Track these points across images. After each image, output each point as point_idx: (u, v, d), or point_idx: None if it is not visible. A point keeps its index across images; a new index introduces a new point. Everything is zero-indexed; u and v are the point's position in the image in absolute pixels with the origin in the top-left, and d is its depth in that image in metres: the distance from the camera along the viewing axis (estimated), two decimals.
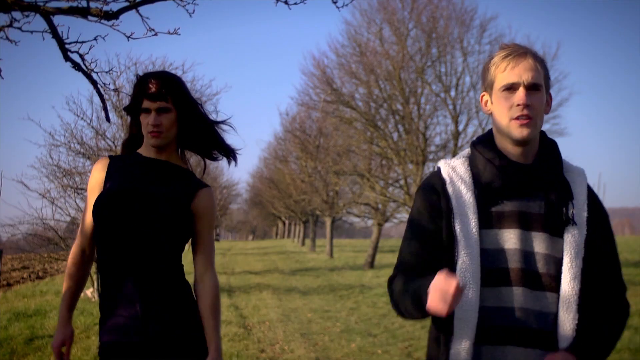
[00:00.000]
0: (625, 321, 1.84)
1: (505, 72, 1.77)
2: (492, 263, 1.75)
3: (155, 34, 4.26)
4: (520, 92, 1.75)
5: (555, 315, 1.73)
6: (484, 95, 1.88)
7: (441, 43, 17.14)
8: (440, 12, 17.27)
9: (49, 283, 16.27)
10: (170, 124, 2.23)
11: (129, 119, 2.37)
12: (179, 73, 17.89)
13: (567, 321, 1.71)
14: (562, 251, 1.74)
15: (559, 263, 1.74)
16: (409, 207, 16.76)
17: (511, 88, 1.76)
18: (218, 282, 2.31)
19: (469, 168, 1.84)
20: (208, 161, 2.49)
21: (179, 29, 4.33)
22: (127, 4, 4.12)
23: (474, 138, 1.94)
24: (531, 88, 1.75)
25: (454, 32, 17.19)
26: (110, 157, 2.33)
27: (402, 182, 18.17)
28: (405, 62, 17.17)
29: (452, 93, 17.40)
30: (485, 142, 1.85)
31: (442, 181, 1.84)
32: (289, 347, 7.22)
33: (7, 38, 4.02)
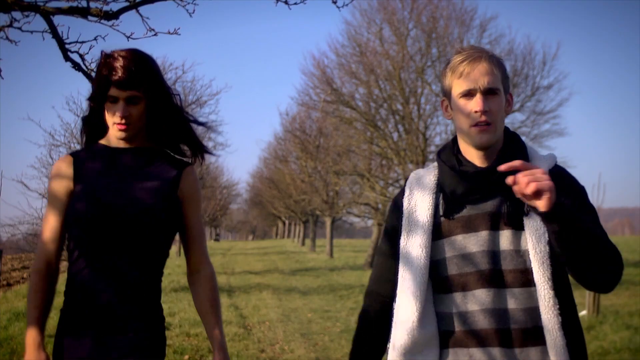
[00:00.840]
0: (619, 257, 1.74)
1: (461, 78, 1.76)
2: (460, 268, 1.75)
3: (155, 34, 4.26)
4: (477, 99, 1.73)
5: (532, 310, 1.71)
6: (443, 100, 1.89)
7: (441, 43, 17.15)
8: (440, 12, 17.29)
9: None
10: (140, 116, 1.97)
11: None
12: (179, 73, 17.90)
13: (547, 308, 1.67)
14: (526, 243, 1.71)
15: (524, 256, 1.72)
16: None
17: (468, 94, 1.75)
18: (215, 273, 2.10)
19: (435, 177, 1.86)
20: (207, 160, 2.42)
21: (179, 29, 4.33)
22: (127, 4, 4.12)
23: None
24: (488, 93, 1.74)
25: (454, 32, 17.20)
26: (72, 154, 2.04)
27: (402, 182, 18.17)
28: (405, 62, 17.18)
29: None
30: (448, 150, 1.86)
31: (403, 193, 1.90)
32: (289, 347, 7.22)
33: (7, 38, 4.02)
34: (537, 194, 1.49)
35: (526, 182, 1.48)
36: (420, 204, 1.83)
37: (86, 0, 4.00)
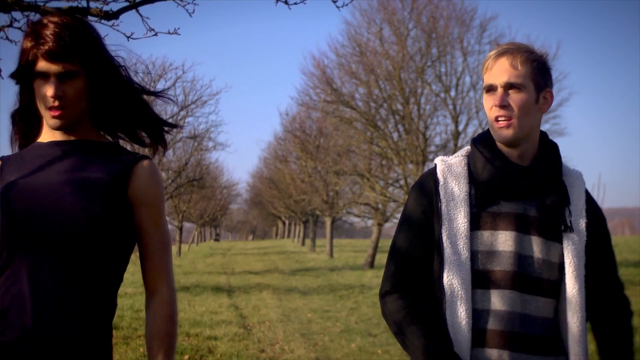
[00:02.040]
0: (630, 316, 1.88)
1: (487, 73, 1.77)
2: (484, 265, 1.73)
3: (155, 34, 4.26)
4: (497, 93, 1.73)
5: (550, 321, 1.73)
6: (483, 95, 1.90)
7: (441, 43, 17.15)
8: (440, 12, 17.28)
9: None
10: (78, 95, 1.55)
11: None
12: (178, 73, 17.85)
13: (575, 327, 1.71)
14: (559, 256, 1.73)
15: (554, 268, 1.73)
16: None
17: (490, 89, 1.76)
18: (175, 298, 1.64)
19: (466, 167, 1.81)
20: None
21: (179, 29, 4.33)
22: (127, 4, 4.13)
23: (475, 136, 1.92)
24: (509, 88, 1.72)
25: (454, 32, 17.21)
26: (2, 158, 1.63)
27: (402, 182, 18.17)
28: (405, 62, 17.18)
29: (452, 93, 17.42)
30: (485, 141, 1.82)
31: (436, 181, 1.80)
32: (289, 347, 7.22)
33: (7, 38, 4.03)
34: None
35: None
36: (457, 193, 1.77)
37: (86, 0, 4.00)
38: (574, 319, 1.71)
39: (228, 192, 44.48)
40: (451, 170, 1.81)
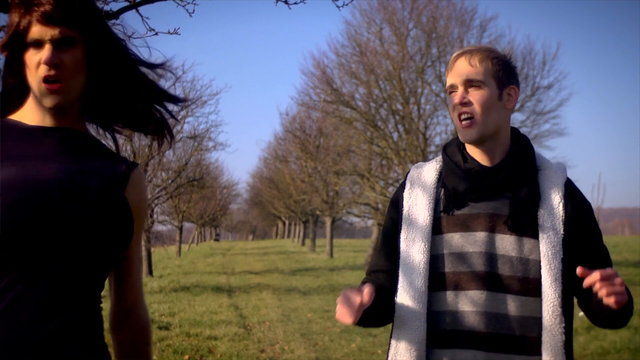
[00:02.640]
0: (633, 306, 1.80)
1: (448, 74, 1.78)
2: (454, 267, 1.72)
3: (156, 34, 4.26)
4: (457, 92, 1.74)
5: (533, 319, 1.70)
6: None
7: (441, 43, 17.15)
8: (440, 12, 17.29)
9: None
10: (76, 67, 1.34)
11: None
12: (178, 73, 17.84)
13: (554, 325, 1.67)
14: (533, 253, 1.70)
15: (527, 265, 1.70)
16: None
17: (452, 89, 1.76)
18: (149, 322, 1.51)
19: (437, 172, 1.84)
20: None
21: (179, 29, 4.33)
22: (127, 4, 4.13)
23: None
24: (468, 85, 1.73)
25: (454, 32, 17.21)
26: None
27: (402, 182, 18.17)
28: (405, 62, 17.18)
29: None
30: (454, 145, 1.84)
31: (404, 188, 1.86)
32: (289, 347, 7.22)
33: None
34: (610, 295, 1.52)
35: (606, 293, 1.50)
36: (421, 198, 1.80)
37: None
38: (548, 316, 1.67)
39: (228, 192, 44.47)
40: (420, 176, 1.85)
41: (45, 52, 1.30)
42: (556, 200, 1.74)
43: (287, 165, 30.27)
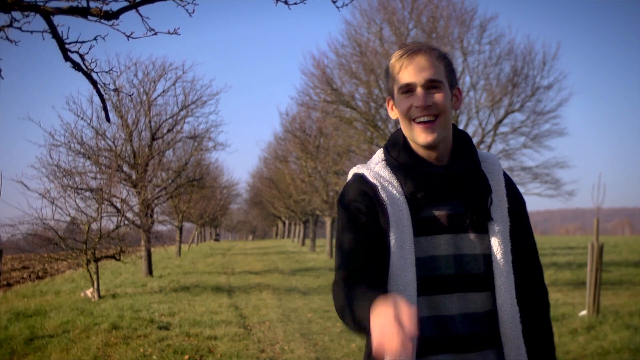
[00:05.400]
0: (547, 308, 1.82)
1: (401, 72, 1.67)
2: (426, 271, 1.66)
3: (155, 34, 4.25)
4: (418, 93, 1.65)
5: (491, 313, 1.68)
6: (389, 100, 1.78)
7: (441, 43, 17.13)
8: (440, 12, 17.27)
9: (49, 283, 16.27)
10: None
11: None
12: (178, 73, 17.88)
13: (509, 317, 1.66)
14: (490, 248, 1.69)
15: (489, 260, 1.69)
16: None
17: (408, 89, 1.67)
18: None
19: (392, 174, 1.72)
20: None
21: (179, 29, 4.32)
22: (127, 3, 4.12)
23: (386, 142, 1.83)
24: (430, 86, 1.65)
25: (454, 32, 17.20)
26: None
27: None
28: None
29: None
30: (399, 146, 1.74)
31: (373, 187, 1.69)
32: (289, 347, 7.22)
33: (7, 38, 4.02)
34: None
35: None
36: (397, 197, 1.69)
37: (86, 0, 4.00)
38: (503, 306, 1.66)
39: (228, 192, 44.47)
40: (381, 177, 1.72)
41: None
42: (500, 191, 1.73)
43: (287, 165, 30.26)
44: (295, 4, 4.50)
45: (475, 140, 16.76)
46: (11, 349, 6.89)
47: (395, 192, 1.70)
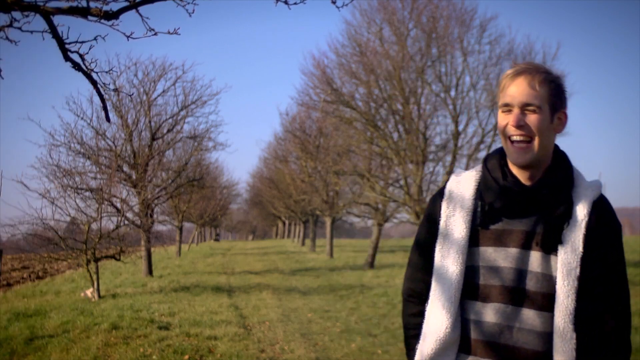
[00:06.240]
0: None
1: (503, 91, 1.76)
2: (486, 279, 1.76)
3: (155, 34, 4.25)
4: (513, 113, 1.73)
5: (546, 334, 1.71)
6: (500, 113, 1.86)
7: (441, 43, 17.13)
8: (440, 12, 17.27)
9: (49, 283, 16.28)
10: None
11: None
12: (179, 73, 17.87)
13: (563, 342, 1.67)
14: (556, 270, 1.72)
15: (550, 281, 1.71)
16: (409, 207, 16.78)
17: (506, 108, 1.75)
18: None
19: (476, 183, 1.85)
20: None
21: (179, 29, 4.32)
22: (127, 4, 4.12)
23: (490, 152, 1.94)
24: (526, 108, 1.71)
25: (454, 32, 17.18)
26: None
27: (402, 182, 18.16)
28: (405, 62, 17.16)
29: (452, 93, 17.39)
30: (496, 159, 1.84)
31: (442, 196, 1.89)
32: (289, 347, 7.22)
33: (7, 38, 4.02)
34: None
35: None
36: (459, 210, 1.83)
37: (86, 0, 4.00)
38: (560, 333, 1.67)
39: (228, 192, 44.46)
40: (459, 186, 1.87)
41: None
42: (581, 216, 1.72)
43: (287, 165, 30.25)
44: (295, 4, 4.50)
45: (475, 140, 16.77)
46: (11, 349, 6.88)
47: (460, 203, 1.84)
